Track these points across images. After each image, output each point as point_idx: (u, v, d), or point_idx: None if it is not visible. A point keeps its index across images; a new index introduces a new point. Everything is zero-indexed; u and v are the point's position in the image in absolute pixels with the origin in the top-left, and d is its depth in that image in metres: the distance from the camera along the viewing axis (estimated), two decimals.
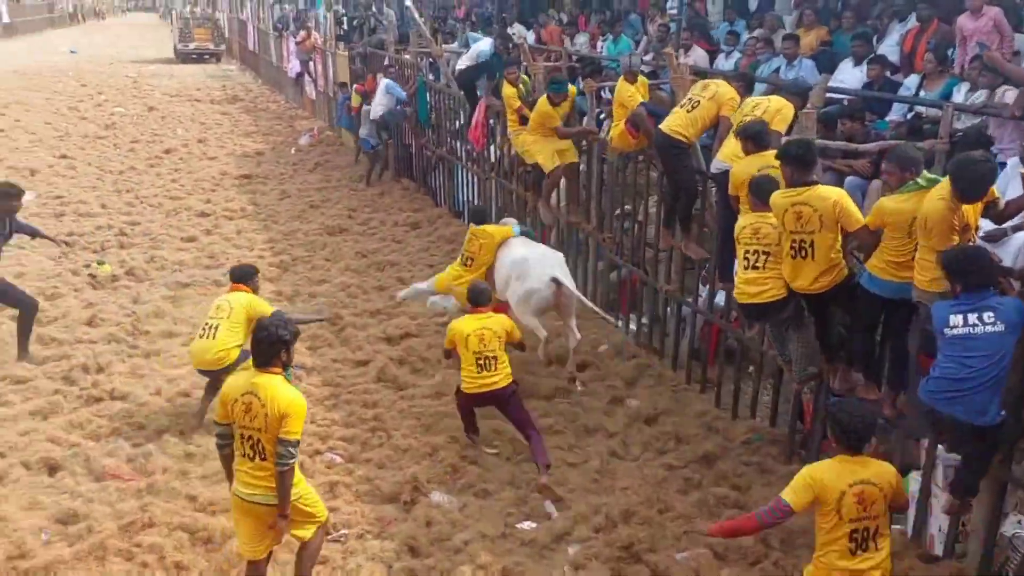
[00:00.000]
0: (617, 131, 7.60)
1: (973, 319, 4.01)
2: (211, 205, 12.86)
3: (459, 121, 11.91)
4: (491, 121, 10.55)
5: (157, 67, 32.81)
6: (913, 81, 7.23)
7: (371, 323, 8.38)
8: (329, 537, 4.95)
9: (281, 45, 24.71)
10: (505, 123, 10.04)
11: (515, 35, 12.75)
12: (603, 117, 9.40)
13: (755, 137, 5.61)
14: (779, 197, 4.99)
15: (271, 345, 4.14)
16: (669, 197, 7.03)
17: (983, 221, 4.64)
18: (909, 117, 6.91)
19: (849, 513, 3.64)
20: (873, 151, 5.91)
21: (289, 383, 4.26)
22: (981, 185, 4.25)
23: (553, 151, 8.54)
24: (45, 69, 29.88)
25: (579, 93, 9.74)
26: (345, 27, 20.04)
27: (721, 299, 6.84)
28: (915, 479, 4.94)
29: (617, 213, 8.28)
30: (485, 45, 10.66)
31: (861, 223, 4.77)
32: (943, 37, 7.64)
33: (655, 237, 7.72)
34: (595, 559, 4.92)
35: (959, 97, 6.58)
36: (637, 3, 12.60)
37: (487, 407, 6.10)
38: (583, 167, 8.86)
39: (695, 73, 7.56)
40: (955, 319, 4.05)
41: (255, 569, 4.37)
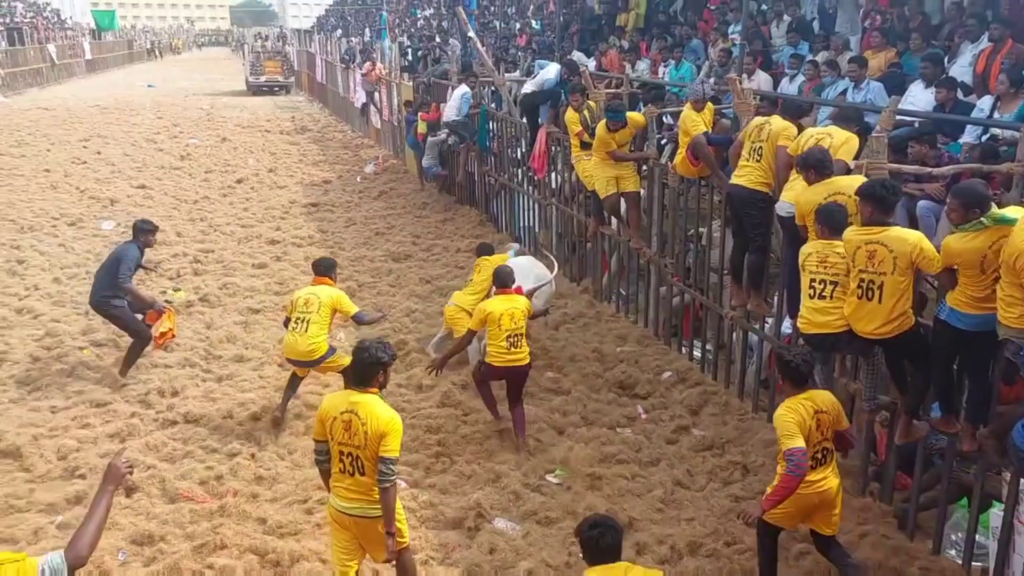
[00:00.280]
0: (680, 158, 7.58)
1: None
2: (281, 233, 13.23)
3: (520, 149, 12.03)
4: (552, 148, 10.62)
5: (229, 99, 34.04)
6: (987, 103, 7.02)
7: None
8: None
9: (348, 76, 25.39)
10: (565, 150, 10.12)
11: (574, 59, 12.85)
12: (664, 142, 9.39)
13: (817, 166, 5.50)
14: (853, 234, 4.87)
15: (371, 366, 4.26)
16: (737, 252, 6.92)
17: None
18: (983, 140, 6.71)
19: (813, 439, 4.42)
20: (947, 175, 5.76)
21: (385, 402, 4.38)
22: None
23: (611, 178, 8.54)
24: (124, 103, 31.27)
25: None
26: (409, 58, 20.48)
27: (788, 326, 6.71)
28: (996, 514, 4.74)
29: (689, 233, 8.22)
30: (552, 72, 10.74)
31: (942, 266, 4.61)
32: (1017, 58, 7.40)
33: (719, 261, 7.65)
34: None
35: None
36: (699, 28, 12.55)
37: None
38: (644, 192, 8.84)
39: (762, 99, 7.48)
40: None
41: None
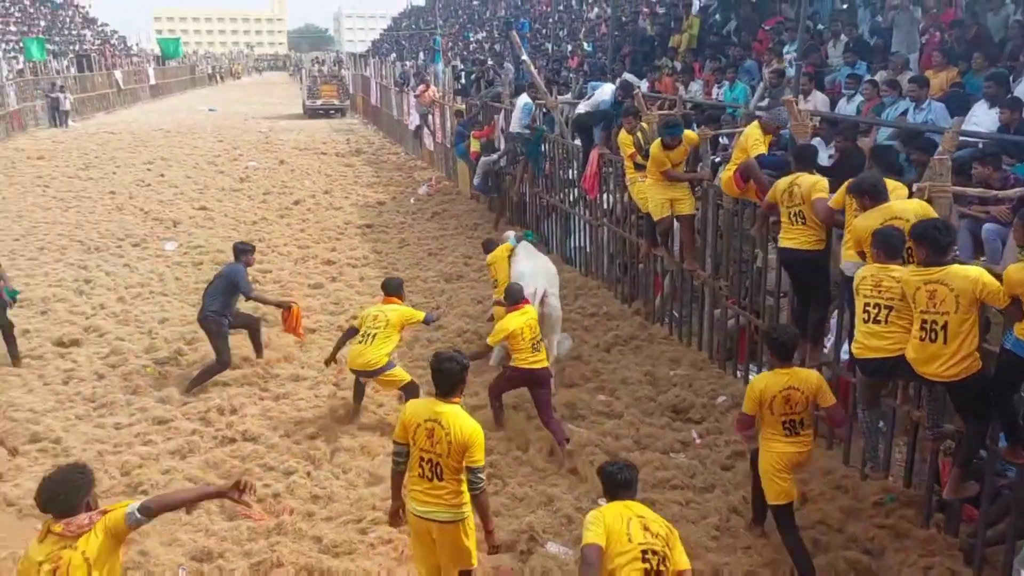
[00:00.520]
0: (726, 176, 7.49)
1: None
2: (336, 253, 13.46)
3: (572, 171, 12.05)
4: (605, 169, 10.62)
5: (287, 122, 34.88)
6: None
7: (487, 369, 8.49)
8: None
9: (402, 99, 25.81)
10: (618, 171, 10.11)
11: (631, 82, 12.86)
12: (719, 162, 9.31)
13: (871, 191, 5.43)
14: (911, 275, 4.81)
15: (452, 375, 4.46)
16: (800, 308, 6.83)
17: None
18: None
19: (778, 410, 5.03)
20: (1013, 197, 5.60)
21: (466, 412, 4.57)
22: None
23: (666, 200, 8.47)
24: (186, 127, 32.27)
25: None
26: (462, 81, 20.73)
27: (847, 351, 6.57)
28: None
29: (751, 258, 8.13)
30: (607, 93, 10.77)
31: (1006, 297, 4.50)
32: None
33: (775, 284, 7.53)
34: None
35: None
36: (752, 49, 12.45)
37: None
38: (699, 213, 8.77)
39: (824, 121, 7.38)
40: None
41: None
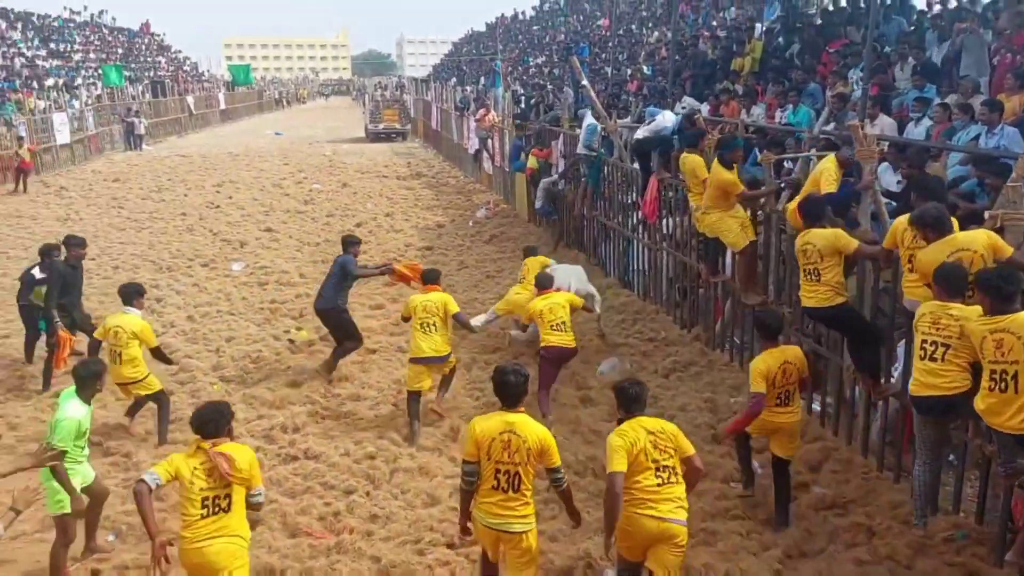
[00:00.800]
0: (792, 207, 7.38)
1: None
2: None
3: (631, 195, 12.04)
4: (665, 193, 10.58)
5: (350, 146, 35.65)
6: None
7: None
8: None
9: (462, 123, 26.17)
10: (678, 196, 10.05)
11: (686, 107, 12.81)
12: (783, 186, 9.19)
13: (935, 224, 5.33)
14: (977, 324, 4.72)
15: (518, 387, 4.71)
16: (852, 348, 6.75)
17: None
18: None
19: (778, 383, 5.71)
20: None
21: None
22: None
23: (740, 227, 8.34)
24: (254, 150, 33.25)
25: (756, 164, 9.62)
26: (522, 105, 20.92)
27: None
28: None
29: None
30: (668, 120, 10.72)
31: None
32: None
33: None
34: None
35: None
36: (816, 72, 12.30)
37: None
38: (761, 238, 8.66)
39: (892, 146, 7.25)
40: None
41: None
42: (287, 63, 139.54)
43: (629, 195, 12.24)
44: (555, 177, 15.39)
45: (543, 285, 8.51)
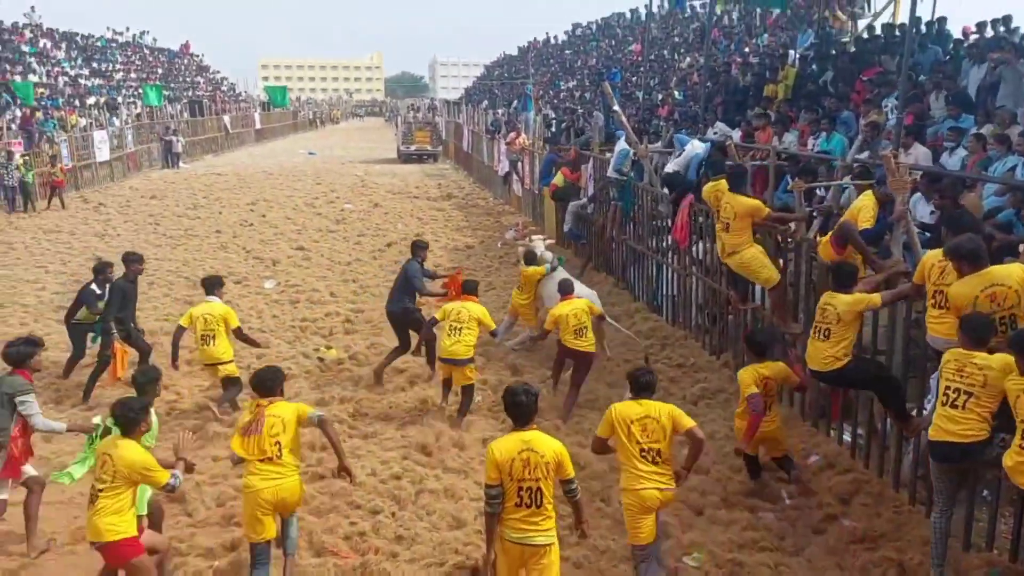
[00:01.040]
0: (824, 240, 7.34)
1: None
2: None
3: (661, 220, 12.03)
4: (697, 219, 10.55)
5: (382, 167, 36.05)
6: None
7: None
8: None
9: (492, 146, 26.38)
10: (708, 220, 10.03)
11: (718, 134, 12.82)
12: (814, 215, 9.15)
13: (969, 256, 5.28)
14: (1012, 384, 4.70)
15: (530, 406, 4.90)
16: (880, 396, 6.69)
17: None
18: None
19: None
20: None
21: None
22: None
23: (770, 261, 8.28)
24: (288, 169, 33.72)
25: (786, 191, 9.59)
26: (553, 129, 21.06)
27: None
28: None
29: None
30: (697, 148, 10.72)
31: None
32: None
33: (871, 341, 7.30)
34: None
35: None
36: (850, 100, 12.24)
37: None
38: (792, 266, 8.61)
39: (924, 176, 7.19)
40: None
41: None
42: (321, 84, 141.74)
43: (659, 220, 12.24)
44: (584, 200, 15.43)
45: (566, 291, 8.98)
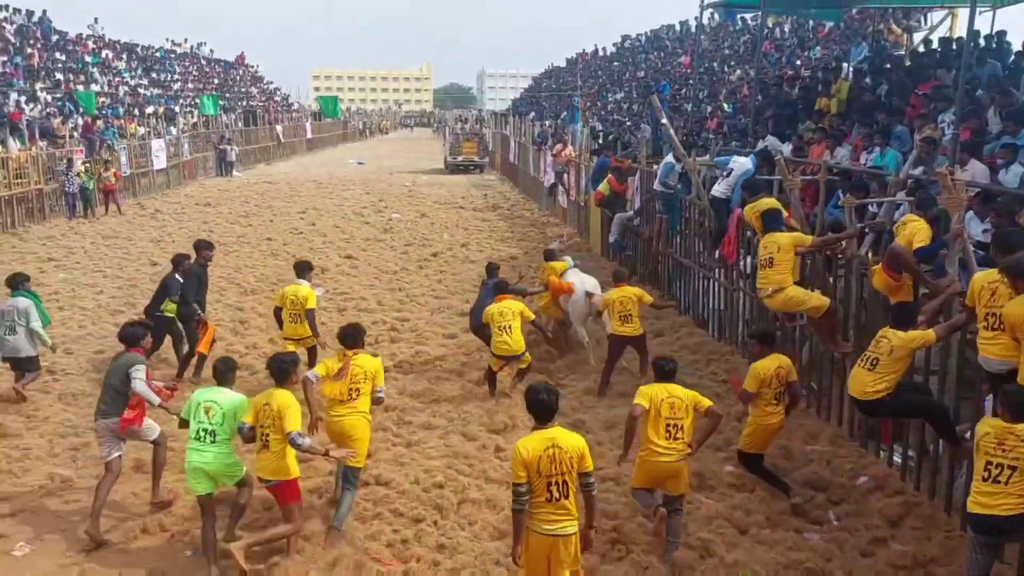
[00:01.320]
0: (876, 270, 7.22)
1: None
2: (470, 305, 13.73)
3: (707, 237, 11.93)
4: (746, 233, 10.46)
5: (429, 177, 36.40)
6: None
7: (613, 431, 8.45)
8: None
9: (539, 157, 26.45)
10: (756, 234, 9.92)
11: (768, 147, 12.67)
12: (865, 231, 9.00)
13: None
14: None
15: (552, 405, 5.06)
16: (928, 421, 6.60)
17: None
18: None
19: (774, 384, 6.81)
20: None
21: None
22: None
23: (810, 290, 8.17)
24: (337, 179, 34.23)
25: (837, 206, 9.45)
26: (600, 141, 21.05)
27: None
28: None
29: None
30: (746, 165, 10.60)
31: None
32: None
33: (923, 360, 7.15)
34: None
35: None
36: (905, 114, 12.00)
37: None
38: (841, 283, 8.48)
39: (980, 195, 7.04)
40: None
41: None
42: (371, 95, 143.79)
43: (706, 234, 12.14)
44: (631, 213, 15.39)
45: (620, 278, 9.93)
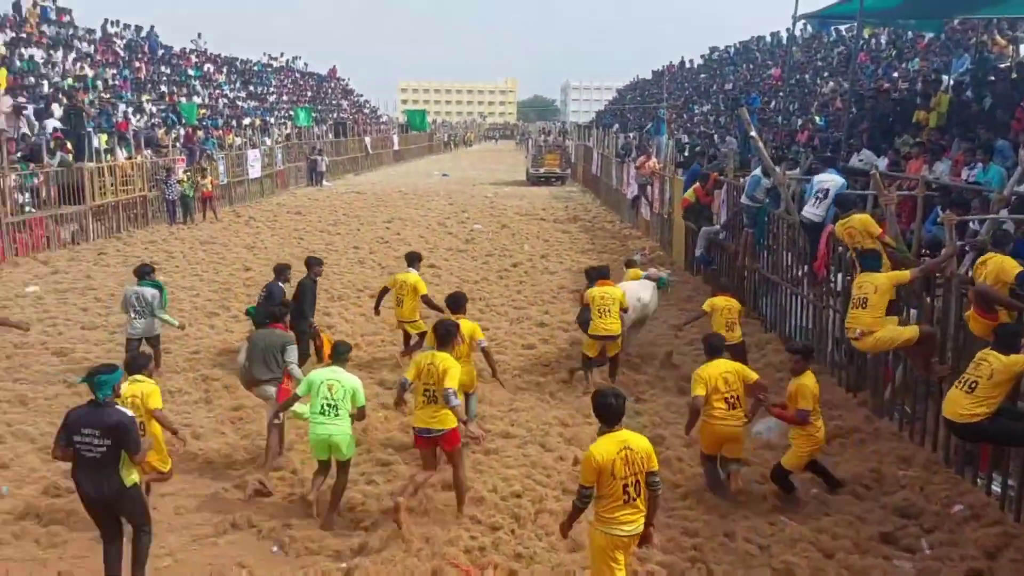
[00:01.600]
0: (970, 314, 6.92)
1: None
2: (549, 316, 13.84)
3: (795, 251, 11.63)
4: (836, 250, 10.14)
5: (511, 189, 36.67)
6: None
7: (692, 448, 8.30)
8: None
9: (622, 170, 26.32)
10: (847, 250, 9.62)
11: (863, 161, 12.29)
12: (966, 249, 8.62)
13: None
14: None
15: (619, 408, 5.17)
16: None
17: None
18: None
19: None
20: None
21: None
22: None
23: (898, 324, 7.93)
24: (422, 190, 34.85)
25: (936, 223, 9.10)
26: (686, 153, 20.81)
27: None
28: None
29: None
30: (839, 182, 10.28)
31: None
32: None
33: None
34: None
35: None
36: (1010, 128, 11.45)
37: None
38: (939, 303, 8.14)
39: None
40: None
41: None
42: (456, 107, 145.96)
43: (794, 249, 11.83)
44: (718, 227, 15.15)
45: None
